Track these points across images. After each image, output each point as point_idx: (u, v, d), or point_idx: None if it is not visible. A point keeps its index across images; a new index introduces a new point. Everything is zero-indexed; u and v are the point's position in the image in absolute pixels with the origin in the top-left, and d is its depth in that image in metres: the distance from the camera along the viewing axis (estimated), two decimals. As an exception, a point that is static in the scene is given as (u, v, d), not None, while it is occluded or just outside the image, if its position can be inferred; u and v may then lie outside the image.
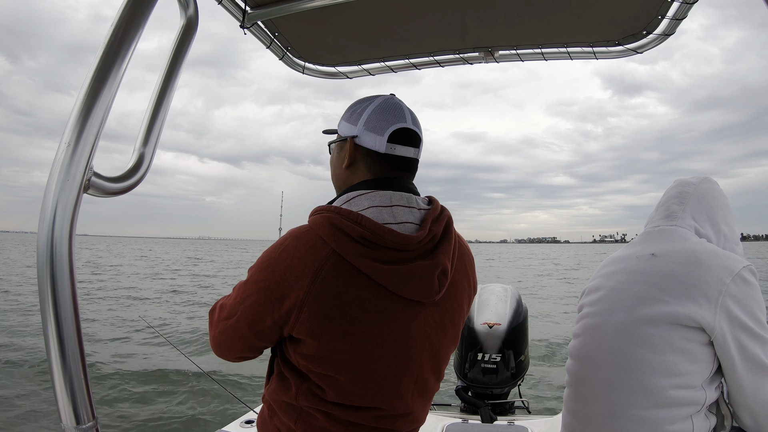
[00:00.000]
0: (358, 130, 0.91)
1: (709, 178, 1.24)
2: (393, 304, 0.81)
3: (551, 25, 1.46)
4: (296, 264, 0.78)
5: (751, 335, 0.98)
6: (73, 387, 0.73)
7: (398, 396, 0.85)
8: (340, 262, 0.78)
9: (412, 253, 0.82)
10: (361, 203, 0.84)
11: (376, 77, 1.86)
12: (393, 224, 0.83)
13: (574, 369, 1.16)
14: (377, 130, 0.89)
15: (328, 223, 0.80)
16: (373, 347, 0.80)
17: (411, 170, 0.93)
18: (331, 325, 0.78)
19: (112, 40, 0.77)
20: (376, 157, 0.90)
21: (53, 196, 0.71)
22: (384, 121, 0.89)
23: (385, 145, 0.88)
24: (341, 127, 0.96)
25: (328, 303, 0.77)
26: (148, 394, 4.63)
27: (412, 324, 0.83)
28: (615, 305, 1.09)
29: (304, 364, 0.83)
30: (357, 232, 0.78)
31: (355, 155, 0.91)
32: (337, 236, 0.79)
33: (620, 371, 1.03)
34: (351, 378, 0.81)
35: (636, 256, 1.14)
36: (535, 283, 19.50)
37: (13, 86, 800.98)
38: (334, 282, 0.77)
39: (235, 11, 1.36)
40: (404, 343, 0.82)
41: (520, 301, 2.31)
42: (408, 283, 0.80)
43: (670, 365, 0.98)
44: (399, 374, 0.84)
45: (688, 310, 0.97)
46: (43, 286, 0.71)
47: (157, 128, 1.00)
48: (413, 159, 0.92)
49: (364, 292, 0.78)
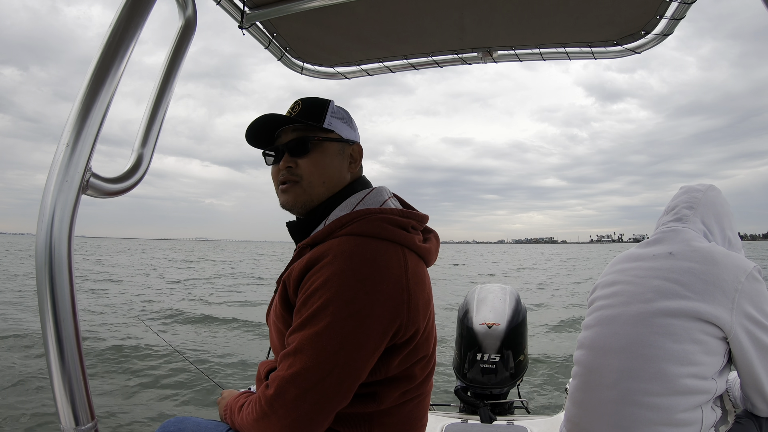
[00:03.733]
0: (358, 137, 1.07)
1: (714, 186, 1.30)
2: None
3: (550, 25, 1.46)
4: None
5: (762, 328, 1.06)
6: (72, 388, 0.73)
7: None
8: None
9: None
10: (384, 195, 1.00)
11: (376, 77, 1.86)
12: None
13: (585, 359, 1.19)
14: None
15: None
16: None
17: None
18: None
19: (110, 41, 0.77)
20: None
21: (52, 197, 0.71)
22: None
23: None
24: (343, 131, 1.03)
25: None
26: (148, 393, 4.62)
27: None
28: (633, 297, 1.14)
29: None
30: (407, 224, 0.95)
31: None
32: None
33: (637, 359, 1.07)
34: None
35: (653, 254, 1.19)
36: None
37: (23, 95, 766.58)
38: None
39: (233, 12, 1.36)
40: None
41: (519, 300, 2.30)
42: (432, 258, 0.98)
43: (689, 354, 1.04)
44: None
45: (707, 307, 1.04)
46: (41, 286, 0.71)
47: (155, 129, 1.00)
48: None
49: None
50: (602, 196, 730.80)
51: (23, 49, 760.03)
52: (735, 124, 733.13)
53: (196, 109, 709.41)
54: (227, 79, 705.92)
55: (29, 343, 6.22)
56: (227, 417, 0.99)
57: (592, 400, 1.13)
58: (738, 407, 1.22)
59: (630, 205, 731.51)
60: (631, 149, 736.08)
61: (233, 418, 0.95)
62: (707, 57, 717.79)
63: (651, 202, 79.43)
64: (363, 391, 0.86)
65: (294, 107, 1.01)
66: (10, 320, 7.78)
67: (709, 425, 1.07)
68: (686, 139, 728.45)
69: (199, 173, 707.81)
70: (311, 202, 0.99)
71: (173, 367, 5.32)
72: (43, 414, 3.85)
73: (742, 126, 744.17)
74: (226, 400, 1.04)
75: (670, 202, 1.33)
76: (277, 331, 0.95)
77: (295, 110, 1.00)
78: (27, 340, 6.34)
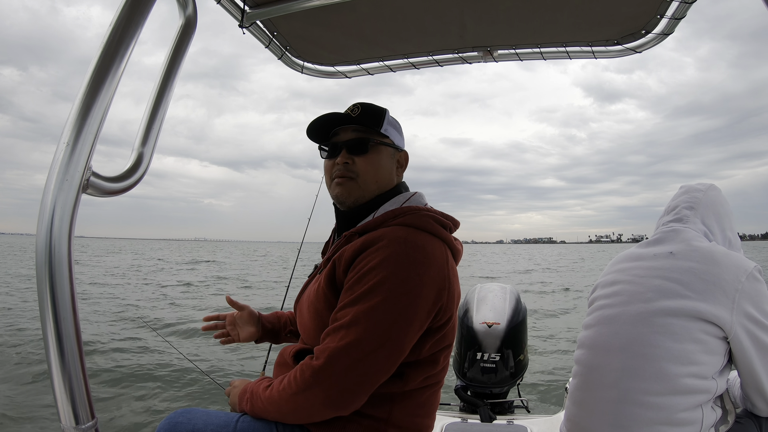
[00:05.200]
0: (404, 145, 1.16)
1: (715, 186, 1.30)
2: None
3: (550, 24, 1.46)
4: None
5: (762, 328, 1.06)
6: (72, 387, 0.73)
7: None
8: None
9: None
10: (425, 198, 1.11)
11: (375, 77, 1.86)
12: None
13: (585, 358, 1.19)
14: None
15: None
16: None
17: None
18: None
19: (110, 40, 0.77)
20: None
21: (52, 196, 0.71)
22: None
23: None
24: (395, 138, 1.12)
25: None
26: (148, 394, 4.63)
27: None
28: (633, 297, 1.14)
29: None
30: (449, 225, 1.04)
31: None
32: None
33: (638, 358, 1.07)
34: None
35: (653, 253, 1.19)
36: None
37: (22, 96, 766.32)
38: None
39: (234, 11, 1.36)
40: None
41: (519, 300, 2.30)
42: (459, 259, 1.07)
43: (689, 354, 1.04)
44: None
45: (708, 307, 1.04)
46: (41, 285, 0.71)
47: (156, 128, 1.00)
48: None
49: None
50: (601, 197, 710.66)
51: (23, 49, 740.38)
52: (733, 125, 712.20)
53: (195, 109, 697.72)
54: (226, 80, 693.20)
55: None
56: (244, 402, 0.98)
57: (592, 399, 1.13)
58: (738, 407, 1.22)
59: (629, 205, 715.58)
60: (629, 149, 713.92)
61: (254, 401, 0.95)
62: (705, 58, 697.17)
63: (650, 202, 78.99)
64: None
65: (353, 109, 1.08)
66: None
67: (709, 425, 1.07)
68: (685, 139, 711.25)
69: (197, 173, 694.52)
70: (363, 198, 1.08)
71: (174, 367, 5.33)
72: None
73: (741, 126, 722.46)
74: (238, 388, 1.03)
75: (670, 202, 1.32)
76: (314, 312, 0.99)
77: (354, 112, 1.07)
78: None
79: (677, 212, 1.26)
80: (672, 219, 1.26)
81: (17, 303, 10.01)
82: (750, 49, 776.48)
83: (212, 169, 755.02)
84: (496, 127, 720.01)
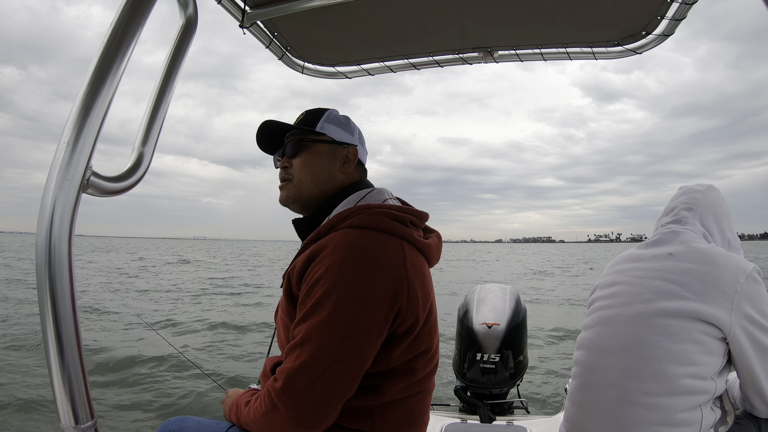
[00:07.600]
0: (355, 141, 1.11)
1: (713, 186, 1.30)
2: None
3: (551, 25, 1.46)
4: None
5: (761, 329, 1.06)
6: (72, 386, 0.73)
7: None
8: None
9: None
10: (384, 194, 1.04)
11: (374, 77, 1.86)
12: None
13: (584, 359, 1.19)
14: (364, 146, 1.14)
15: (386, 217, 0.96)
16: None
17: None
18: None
19: (111, 39, 0.77)
20: (362, 166, 1.13)
21: (52, 196, 0.71)
22: (363, 139, 1.15)
23: (366, 159, 1.15)
24: (336, 134, 1.08)
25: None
26: (148, 394, 4.63)
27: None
28: (632, 298, 1.14)
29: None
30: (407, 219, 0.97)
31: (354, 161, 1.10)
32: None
33: (637, 359, 1.07)
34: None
35: (652, 254, 1.19)
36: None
37: (22, 94, 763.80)
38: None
39: (234, 11, 1.36)
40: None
41: (519, 300, 2.30)
42: (434, 255, 1.00)
43: (688, 354, 1.04)
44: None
45: (707, 308, 1.04)
46: (41, 285, 0.71)
47: (156, 127, 1.00)
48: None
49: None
50: (599, 196, 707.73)
51: (23, 48, 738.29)
52: (732, 125, 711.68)
53: (194, 108, 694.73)
54: (226, 79, 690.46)
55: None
56: (232, 415, 1.00)
57: (591, 400, 1.13)
58: (737, 408, 1.22)
59: (627, 204, 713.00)
60: (628, 149, 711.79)
61: (239, 415, 0.96)
62: (703, 58, 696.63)
63: (648, 201, 79.11)
64: (365, 384, 0.87)
65: (299, 117, 1.10)
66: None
67: (708, 426, 1.07)
68: (683, 139, 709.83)
69: (197, 172, 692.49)
70: (302, 198, 1.06)
71: (173, 368, 5.32)
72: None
73: (739, 127, 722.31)
74: (230, 399, 1.04)
75: (669, 203, 1.32)
76: (284, 327, 0.97)
77: (298, 119, 1.10)
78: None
79: (676, 213, 1.27)
80: (671, 220, 1.27)
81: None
82: (748, 49, 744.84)
83: (211, 168, 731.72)
84: (494, 126, 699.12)
